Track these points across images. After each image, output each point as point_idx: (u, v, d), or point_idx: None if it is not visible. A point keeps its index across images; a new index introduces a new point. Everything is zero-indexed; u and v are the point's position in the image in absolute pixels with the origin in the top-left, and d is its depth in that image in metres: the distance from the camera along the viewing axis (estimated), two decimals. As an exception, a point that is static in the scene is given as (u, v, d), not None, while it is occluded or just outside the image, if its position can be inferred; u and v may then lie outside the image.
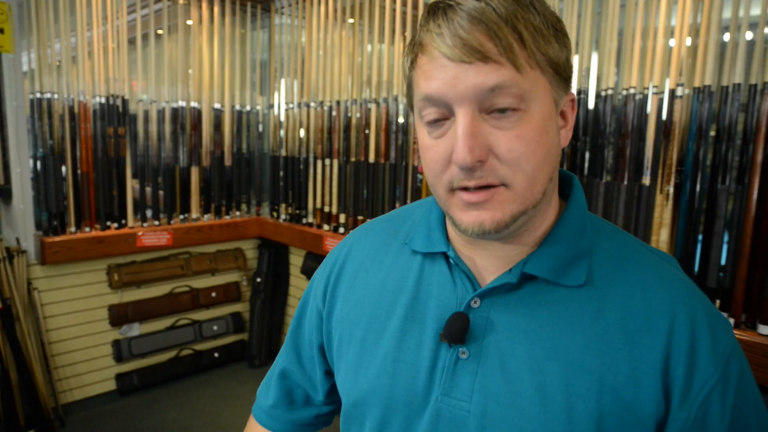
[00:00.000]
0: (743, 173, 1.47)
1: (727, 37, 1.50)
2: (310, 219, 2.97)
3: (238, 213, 3.30)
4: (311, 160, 2.95)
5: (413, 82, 0.54)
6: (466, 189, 0.52)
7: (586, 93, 1.79)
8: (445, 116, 0.52)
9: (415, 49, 0.53)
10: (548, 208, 0.58)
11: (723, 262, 1.52)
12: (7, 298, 2.33)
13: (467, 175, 0.51)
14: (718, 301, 1.52)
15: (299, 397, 0.82)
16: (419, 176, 2.43)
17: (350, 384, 0.66)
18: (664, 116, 1.62)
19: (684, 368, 0.52)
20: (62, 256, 2.54)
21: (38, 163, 2.52)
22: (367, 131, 2.62)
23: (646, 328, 0.53)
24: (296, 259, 3.35)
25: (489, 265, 0.60)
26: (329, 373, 0.77)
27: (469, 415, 0.56)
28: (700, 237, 1.56)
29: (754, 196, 1.44)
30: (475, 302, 0.58)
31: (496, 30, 0.48)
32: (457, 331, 0.57)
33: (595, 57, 1.80)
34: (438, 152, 0.53)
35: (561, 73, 0.53)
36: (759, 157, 1.43)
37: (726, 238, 1.51)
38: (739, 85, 1.47)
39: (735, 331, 1.45)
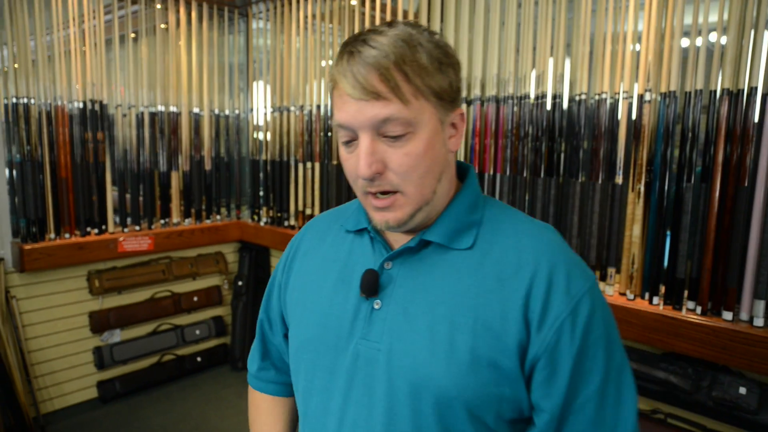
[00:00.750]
0: (706, 172, 1.58)
1: (688, 43, 1.61)
2: (292, 222, 3.01)
3: (218, 217, 3.30)
4: (292, 163, 2.99)
5: (333, 106, 0.69)
6: (374, 195, 0.68)
7: (561, 97, 1.89)
8: (353, 138, 0.67)
9: (332, 82, 0.68)
10: (443, 197, 0.73)
11: (690, 254, 1.63)
12: (-14, 307, 2.29)
13: (369, 184, 0.67)
14: (686, 291, 1.63)
15: (277, 358, 0.95)
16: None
17: (293, 335, 0.82)
18: (633, 118, 1.73)
19: (540, 305, 0.66)
20: (42, 263, 2.50)
21: (15, 169, 2.48)
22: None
23: (515, 276, 0.68)
24: (277, 262, 3.37)
25: (399, 237, 0.76)
26: (287, 337, 0.90)
27: (379, 352, 0.70)
28: (669, 231, 1.67)
29: (717, 193, 1.56)
30: (387, 264, 0.74)
31: (385, 73, 0.62)
32: (369, 284, 0.72)
33: (568, 63, 1.90)
34: (351, 164, 0.68)
35: (445, 98, 0.67)
36: (720, 157, 1.55)
37: (692, 232, 1.62)
38: (700, 90, 1.59)
39: (702, 318, 1.57)
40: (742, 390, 1.51)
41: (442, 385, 0.66)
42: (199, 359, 3.23)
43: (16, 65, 2.42)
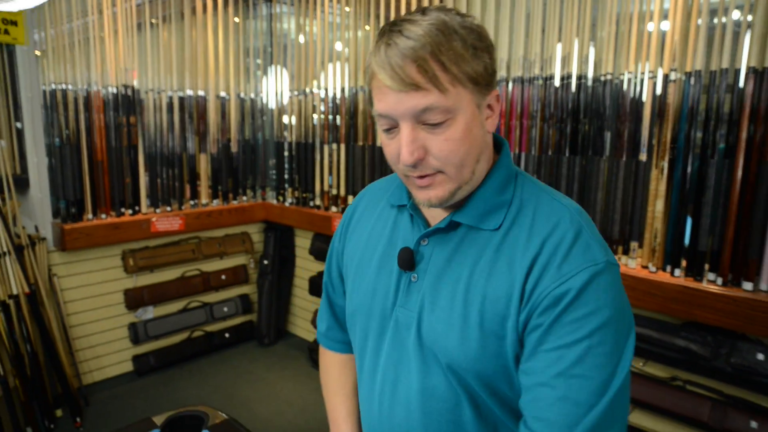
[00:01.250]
0: (730, 149, 1.64)
1: (714, 21, 1.66)
2: (318, 202, 3.09)
3: (244, 198, 3.40)
4: (317, 145, 3.06)
5: (372, 95, 0.72)
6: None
7: (586, 78, 1.94)
8: (393, 126, 0.70)
9: (369, 72, 0.70)
10: (481, 175, 0.76)
11: (712, 228, 1.69)
12: (32, 284, 2.41)
13: (411, 170, 0.71)
14: (707, 264, 1.70)
15: (343, 318, 1.01)
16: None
17: (349, 299, 0.91)
18: (658, 94, 1.78)
19: (532, 284, 0.69)
20: (81, 243, 2.62)
21: (54, 154, 2.58)
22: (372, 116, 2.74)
23: (522, 258, 0.71)
24: (302, 241, 3.47)
25: (437, 214, 0.80)
26: None
27: (413, 320, 0.78)
28: (691, 206, 1.73)
29: (740, 169, 1.61)
30: (424, 241, 0.80)
31: (423, 64, 0.64)
32: (405, 260, 0.79)
33: (593, 43, 1.95)
34: (393, 149, 0.71)
35: (481, 83, 0.68)
36: (744, 135, 1.60)
37: (714, 207, 1.68)
38: (726, 69, 1.64)
39: (723, 288, 1.64)
40: (760, 356, 1.58)
41: (455, 356, 0.73)
42: (227, 335, 3.36)
43: (52, 48, 2.51)
